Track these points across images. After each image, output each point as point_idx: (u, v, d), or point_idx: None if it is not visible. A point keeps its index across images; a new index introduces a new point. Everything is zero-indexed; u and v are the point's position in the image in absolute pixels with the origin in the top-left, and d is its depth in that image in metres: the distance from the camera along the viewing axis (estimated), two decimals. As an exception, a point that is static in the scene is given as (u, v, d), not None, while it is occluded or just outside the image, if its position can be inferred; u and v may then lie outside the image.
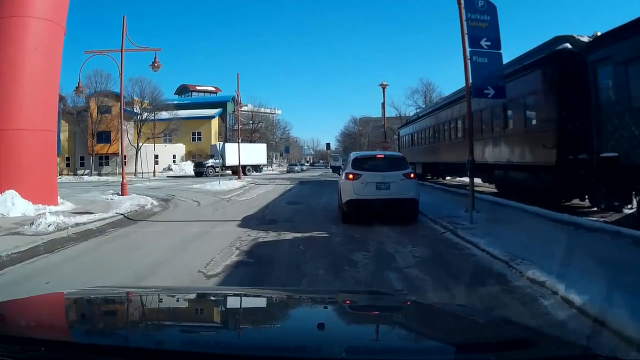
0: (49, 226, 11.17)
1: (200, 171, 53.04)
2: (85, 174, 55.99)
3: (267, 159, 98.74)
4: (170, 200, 21.11)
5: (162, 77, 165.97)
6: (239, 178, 37.95)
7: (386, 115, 37.63)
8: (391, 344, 1.88)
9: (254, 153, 60.81)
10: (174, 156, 70.76)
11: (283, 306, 2.63)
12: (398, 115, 59.71)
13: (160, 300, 2.67)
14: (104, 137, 59.24)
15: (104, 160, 61.35)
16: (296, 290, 4.45)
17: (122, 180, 22.16)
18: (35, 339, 1.67)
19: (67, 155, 60.02)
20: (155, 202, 18.43)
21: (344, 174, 13.55)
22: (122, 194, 21.58)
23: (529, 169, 15.31)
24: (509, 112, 17.06)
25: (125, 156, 32.42)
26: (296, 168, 74.07)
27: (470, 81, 12.65)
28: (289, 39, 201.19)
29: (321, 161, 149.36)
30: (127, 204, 16.73)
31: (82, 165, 60.20)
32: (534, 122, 15.13)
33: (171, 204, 19.18)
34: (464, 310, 2.90)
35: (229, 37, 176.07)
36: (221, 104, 77.22)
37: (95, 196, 21.17)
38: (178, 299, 2.76)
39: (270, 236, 10.86)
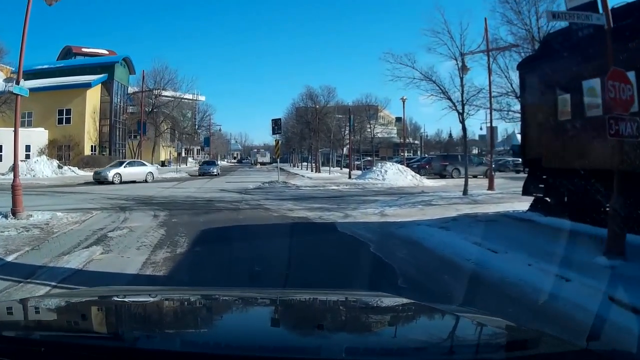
0: None
1: None
2: None
3: (183, 154, 76.46)
4: None
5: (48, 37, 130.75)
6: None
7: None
8: (391, 345, 1.84)
9: None
10: (27, 147, 43.89)
11: (283, 306, 2.58)
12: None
13: (160, 301, 2.61)
14: None
15: None
16: (296, 291, 4.04)
17: None
18: (35, 339, 1.69)
19: None
20: None
21: None
22: None
23: None
24: None
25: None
26: (213, 169, 45.25)
27: None
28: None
29: (249, 157, 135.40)
30: None
31: None
32: None
33: None
34: (464, 311, 2.72)
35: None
36: (107, 68, 50.37)
37: None
38: (178, 300, 2.70)
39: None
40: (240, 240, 9.92)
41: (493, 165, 38.28)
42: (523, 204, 13.97)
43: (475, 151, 68.35)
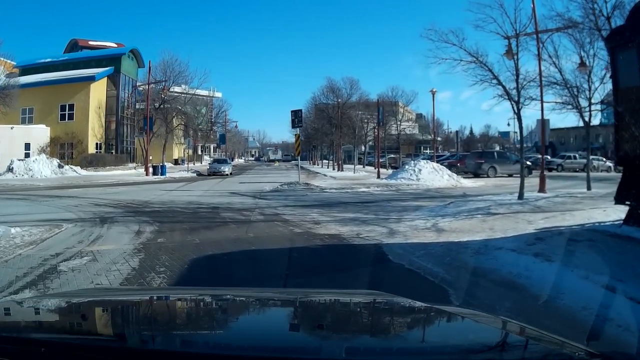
0: None
1: None
2: None
3: (199, 152, 73.88)
4: None
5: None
6: None
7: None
8: (391, 345, 1.80)
9: None
10: (27, 145, 41.14)
11: (282, 306, 2.52)
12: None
13: (160, 301, 2.57)
14: None
15: None
16: (296, 290, 4.06)
17: None
18: (35, 339, 1.64)
19: None
20: None
21: None
22: None
23: None
24: None
25: None
26: (224, 168, 41.10)
27: None
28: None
29: (264, 155, 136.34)
30: None
31: None
32: None
33: None
34: (463, 311, 2.67)
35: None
36: (113, 60, 47.39)
37: None
38: (179, 300, 2.64)
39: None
40: (245, 283, 6.46)
41: (529, 163, 34.92)
42: (599, 212, 11.23)
43: (497, 148, 65.04)
